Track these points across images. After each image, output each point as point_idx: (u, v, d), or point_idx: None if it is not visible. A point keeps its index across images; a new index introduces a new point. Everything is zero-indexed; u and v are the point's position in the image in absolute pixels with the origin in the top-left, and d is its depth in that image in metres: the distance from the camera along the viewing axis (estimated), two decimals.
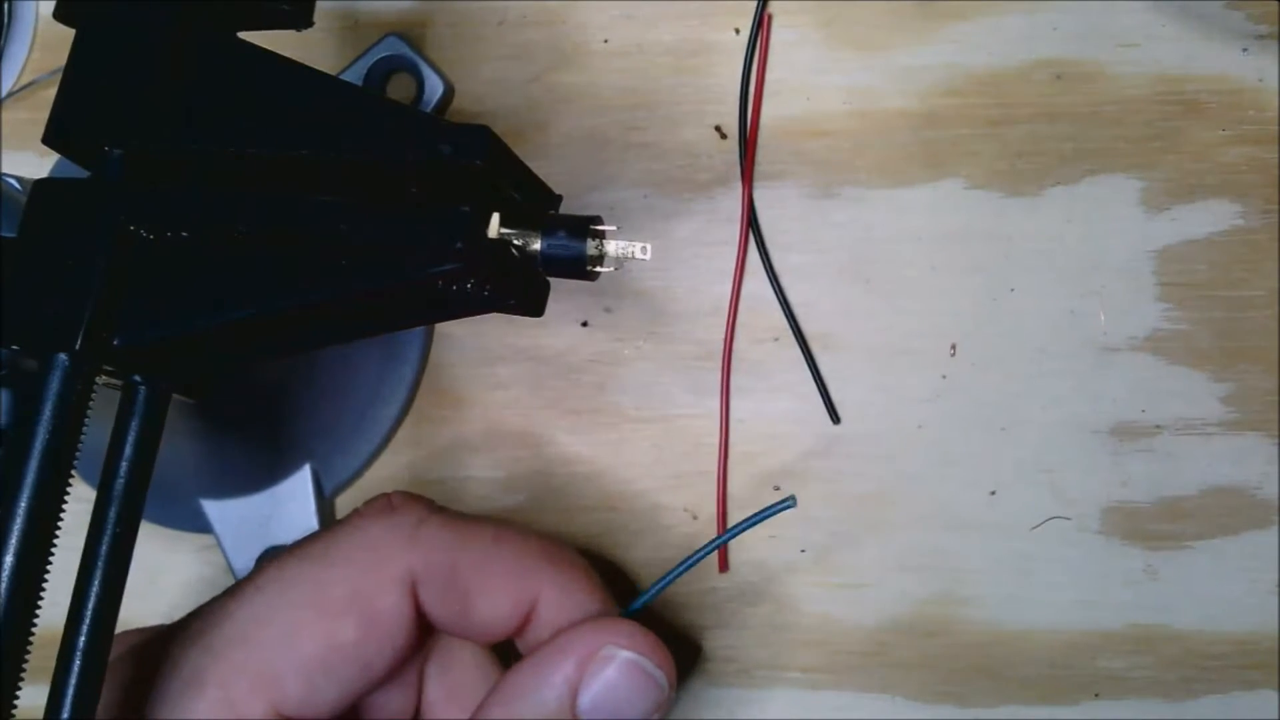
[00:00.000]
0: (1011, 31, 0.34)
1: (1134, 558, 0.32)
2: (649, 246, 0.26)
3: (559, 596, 0.27)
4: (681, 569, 0.27)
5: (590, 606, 0.27)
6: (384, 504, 0.28)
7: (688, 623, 0.33)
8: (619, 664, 0.26)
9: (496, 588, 0.27)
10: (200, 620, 0.26)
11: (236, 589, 0.27)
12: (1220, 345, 0.32)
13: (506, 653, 0.30)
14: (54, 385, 0.24)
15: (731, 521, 0.33)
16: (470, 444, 0.35)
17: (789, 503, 0.27)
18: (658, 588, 0.27)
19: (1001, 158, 0.33)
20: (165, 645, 0.26)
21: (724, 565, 0.33)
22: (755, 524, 0.27)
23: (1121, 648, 0.32)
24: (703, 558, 0.27)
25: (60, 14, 0.27)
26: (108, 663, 0.24)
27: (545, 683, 0.26)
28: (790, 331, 0.34)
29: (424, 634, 0.28)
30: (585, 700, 0.26)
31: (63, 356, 0.24)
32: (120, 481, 0.25)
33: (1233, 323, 0.32)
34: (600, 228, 0.26)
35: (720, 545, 0.27)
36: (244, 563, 0.34)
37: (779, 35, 0.35)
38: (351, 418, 0.35)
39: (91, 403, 0.24)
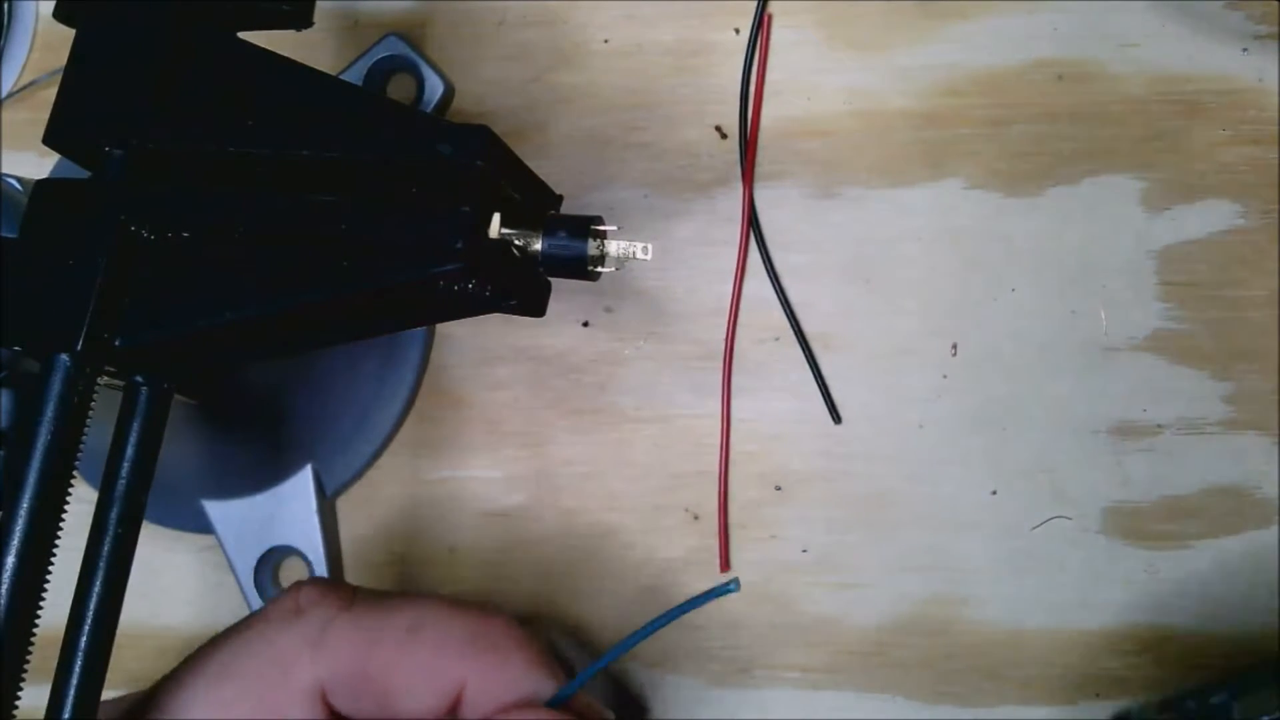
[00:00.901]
0: (1011, 31, 0.34)
1: (1134, 558, 0.32)
2: (650, 246, 0.26)
3: (484, 681, 0.26)
4: (614, 654, 0.25)
5: (521, 688, 0.26)
6: (291, 605, 0.26)
7: (688, 622, 0.33)
8: None
9: (415, 682, 0.26)
10: None
11: (140, 712, 0.26)
12: (1220, 345, 0.32)
13: None
14: (55, 386, 0.24)
15: (733, 522, 0.33)
16: (470, 444, 0.35)
17: (732, 587, 0.26)
18: (592, 669, 0.26)
19: (1001, 158, 0.33)
20: None
21: (724, 565, 0.33)
22: (693, 608, 0.26)
23: (1121, 648, 0.32)
24: (637, 643, 0.25)
25: (60, 14, 0.27)
26: (108, 664, 0.24)
27: None
28: (791, 331, 0.34)
29: None
30: None
31: (64, 357, 0.24)
32: (122, 482, 0.25)
33: (1233, 323, 0.32)
34: (601, 228, 0.26)
35: (654, 631, 0.26)
36: (245, 563, 0.34)
37: (779, 35, 0.35)
38: (352, 418, 0.35)
39: (93, 404, 0.24)
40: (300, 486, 0.34)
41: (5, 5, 0.38)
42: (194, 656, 0.26)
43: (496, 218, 0.25)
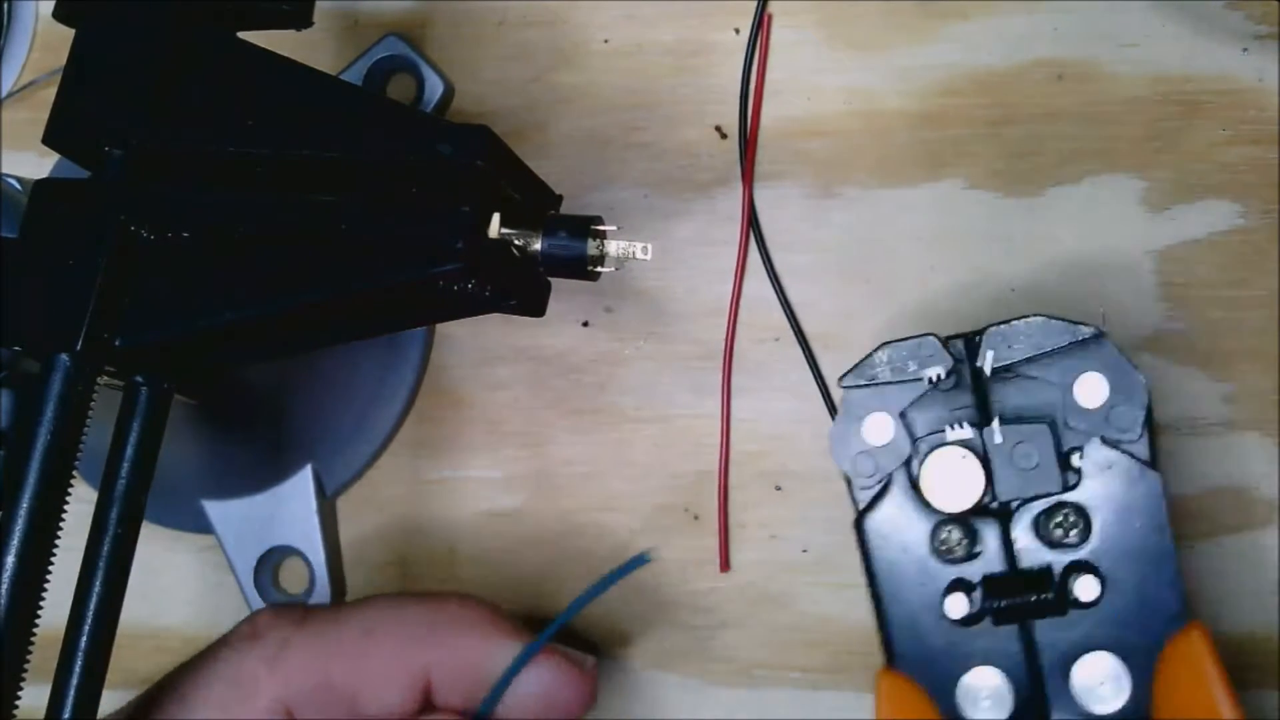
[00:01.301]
0: (1011, 31, 0.34)
1: None
2: (649, 246, 0.26)
3: (448, 664, 0.27)
4: (532, 650, 0.27)
5: (484, 658, 0.27)
6: (249, 630, 0.27)
7: (687, 623, 0.33)
8: None
9: (379, 681, 0.26)
10: None
11: None
12: (1220, 345, 0.32)
13: None
14: (55, 386, 0.24)
15: (733, 522, 0.33)
16: (470, 444, 0.35)
17: (644, 558, 0.27)
18: (524, 656, 0.27)
19: (1001, 158, 0.33)
20: None
21: (725, 565, 0.33)
22: (610, 585, 0.27)
23: None
24: (550, 635, 0.27)
25: (60, 14, 0.27)
26: (108, 664, 0.24)
27: None
28: (791, 331, 0.34)
29: None
30: None
31: (64, 357, 0.24)
32: (122, 482, 0.25)
33: (1233, 323, 0.32)
34: (601, 228, 0.26)
35: (572, 615, 0.27)
36: (245, 563, 0.34)
37: (779, 35, 0.35)
38: (352, 418, 0.35)
39: (93, 404, 0.24)
40: (300, 486, 0.34)
41: (5, 5, 0.38)
42: (164, 683, 0.27)
43: (496, 218, 0.25)
